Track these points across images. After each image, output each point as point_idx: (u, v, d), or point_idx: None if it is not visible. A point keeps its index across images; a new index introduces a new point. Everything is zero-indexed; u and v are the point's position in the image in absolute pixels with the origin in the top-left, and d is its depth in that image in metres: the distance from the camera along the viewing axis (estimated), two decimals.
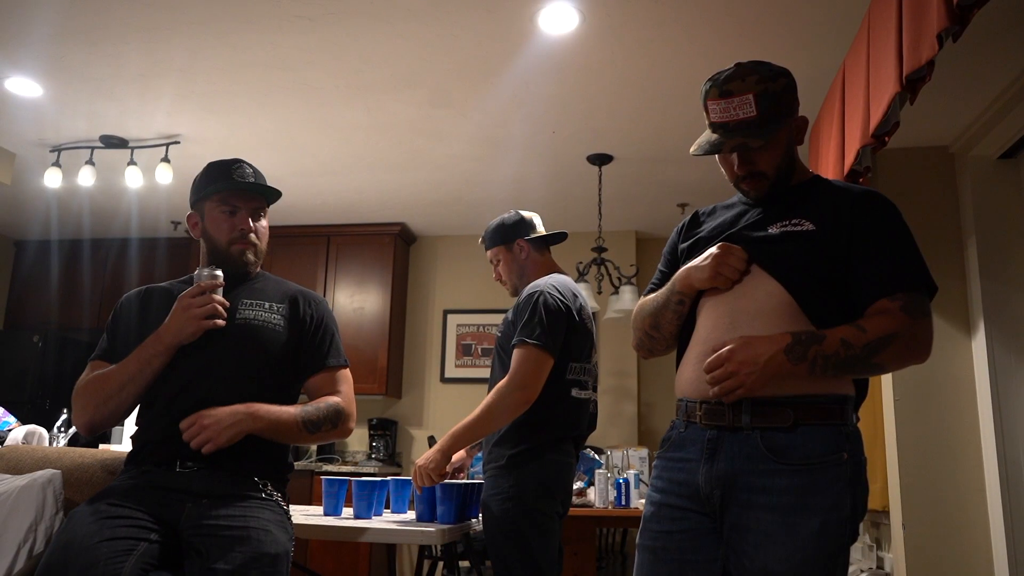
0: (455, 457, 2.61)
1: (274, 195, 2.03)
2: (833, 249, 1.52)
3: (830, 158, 3.18)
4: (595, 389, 2.53)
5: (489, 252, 2.63)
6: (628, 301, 4.48)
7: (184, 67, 3.48)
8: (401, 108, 3.83)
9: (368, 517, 2.51)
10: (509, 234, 2.58)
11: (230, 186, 1.96)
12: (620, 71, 3.43)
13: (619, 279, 4.61)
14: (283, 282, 2.10)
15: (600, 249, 4.55)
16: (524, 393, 2.28)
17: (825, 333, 1.45)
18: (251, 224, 2.00)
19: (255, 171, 2.03)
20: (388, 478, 2.67)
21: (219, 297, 1.89)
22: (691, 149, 1.62)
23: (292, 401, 1.99)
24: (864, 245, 1.51)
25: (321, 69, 3.48)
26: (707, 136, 1.61)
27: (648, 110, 3.78)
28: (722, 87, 1.56)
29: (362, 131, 4.11)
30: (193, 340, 1.86)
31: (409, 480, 2.62)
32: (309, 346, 2.01)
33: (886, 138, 2.63)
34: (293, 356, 1.99)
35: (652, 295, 1.75)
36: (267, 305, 1.98)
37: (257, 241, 2.02)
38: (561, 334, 2.35)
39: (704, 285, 1.59)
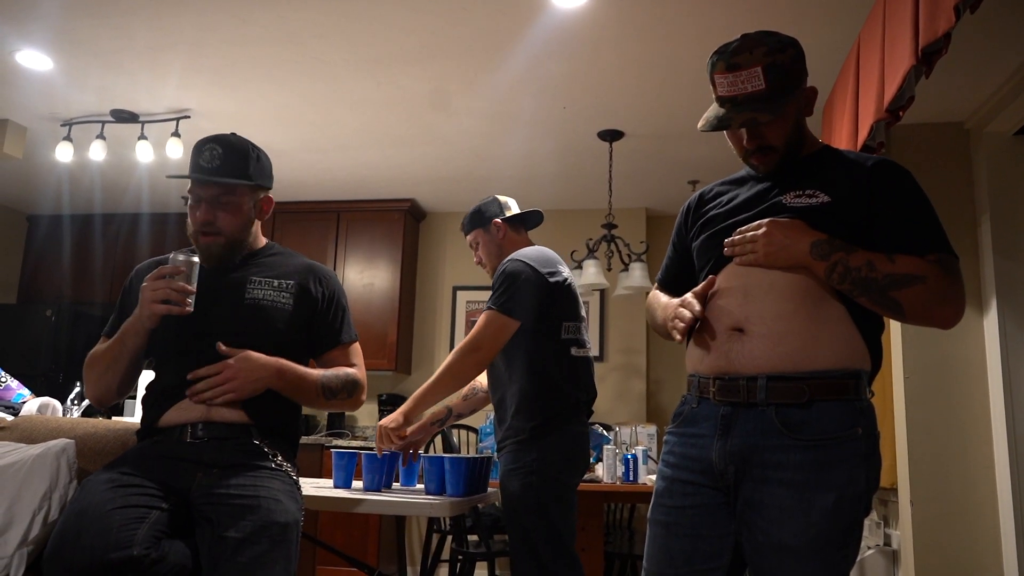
0: (414, 435, 2.56)
1: (238, 181, 1.91)
2: (851, 219, 1.50)
3: (844, 132, 3.15)
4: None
5: (468, 237, 2.70)
6: (638, 278, 4.47)
7: (194, 40, 3.46)
8: (411, 83, 3.81)
9: (378, 490, 2.53)
10: (486, 217, 2.65)
11: (186, 176, 1.90)
12: (632, 46, 3.39)
13: (629, 256, 4.60)
14: (294, 256, 2.10)
15: (610, 226, 4.53)
16: (479, 354, 2.36)
17: (856, 248, 1.46)
18: (209, 216, 1.90)
19: (224, 151, 1.90)
20: (398, 451, 2.69)
21: (179, 283, 1.79)
22: (698, 125, 1.60)
23: None
24: (889, 212, 1.50)
25: (331, 43, 3.46)
26: (714, 111, 1.59)
27: (660, 86, 3.74)
28: (729, 60, 1.53)
29: (372, 106, 4.09)
30: (154, 325, 1.82)
31: (420, 454, 2.64)
32: (322, 323, 2.03)
33: (900, 112, 2.60)
34: (302, 333, 2.00)
35: (661, 296, 1.78)
36: (276, 283, 1.98)
37: (220, 231, 1.91)
38: (529, 296, 2.37)
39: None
